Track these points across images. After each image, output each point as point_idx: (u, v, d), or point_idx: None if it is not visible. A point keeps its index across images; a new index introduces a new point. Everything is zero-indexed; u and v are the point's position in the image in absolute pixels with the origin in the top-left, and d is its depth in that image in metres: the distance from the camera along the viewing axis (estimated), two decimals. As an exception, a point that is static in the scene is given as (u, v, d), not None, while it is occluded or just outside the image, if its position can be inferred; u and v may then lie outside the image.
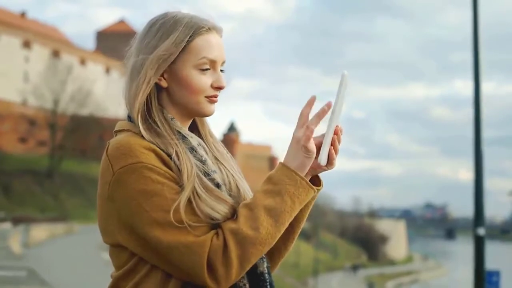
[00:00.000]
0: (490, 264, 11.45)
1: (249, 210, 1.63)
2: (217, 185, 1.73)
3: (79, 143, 71.28)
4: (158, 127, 1.74)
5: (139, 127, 1.72)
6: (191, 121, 1.85)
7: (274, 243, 1.66)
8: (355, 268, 75.92)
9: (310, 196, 1.70)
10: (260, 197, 1.65)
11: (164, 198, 1.61)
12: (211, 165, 1.77)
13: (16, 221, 41.14)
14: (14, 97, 78.06)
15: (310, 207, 1.83)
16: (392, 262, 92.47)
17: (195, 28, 1.77)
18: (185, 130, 1.79)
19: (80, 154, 72.42)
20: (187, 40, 1.75)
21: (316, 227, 74.59)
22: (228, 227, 1.62)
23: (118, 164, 1.64)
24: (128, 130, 1.75)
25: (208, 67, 1.77)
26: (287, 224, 1.67)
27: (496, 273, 11.74)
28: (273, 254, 1.86)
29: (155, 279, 1.66)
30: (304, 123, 1.69)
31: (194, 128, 1.87)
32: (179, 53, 1.76)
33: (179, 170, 1.68)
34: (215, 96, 1.79)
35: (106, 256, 27.15)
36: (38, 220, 45.52)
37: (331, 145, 1.73)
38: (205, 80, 1.77)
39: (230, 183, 1.79)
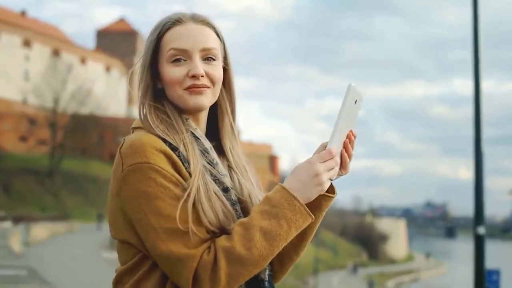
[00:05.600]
0: (490, 263, 11.44)
1: (245, 230, 1.62)
2: (226, 189, 1.74)
3: (80, 142, 71.12)
4: (168, 119, 1.76)
5: (149, 123, 1.74)
6: (200, 119, 1.84)
7: (265, 265, 1.64)
8: (355, 267, 75.86)
9: (307, 223, 1.68)
10: (257, 218, 1.63)
11: (164, 203, 1.61)
12: (221, 168, 1.78)
13: (17, 220, 41.04)
14: (15, 96, 78.04)
15: (324, 214, 1.81)
16: (392, 261, 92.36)
17: (161, 26, 1.78)
18: (199, 132, 1.80)
19: (81, 153, 72.29)
20: (156, 39, 1.77)
21: (316, 226, 74.41)
22: (221, 245, 1.60)
23: (127, 162, 1.65)
24: (141, 128, 1.76)
25: (179, 57, 1.75)
26: (280, 248, 1.65)
27: (496, 272, 11.74)
28: (284, 261, 1.86)
29: (154, 278, 1.68)
30: (331, 161, 1.67)
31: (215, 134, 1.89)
32: (158, 53, 1.78)
33: (187, 162, 1.69)
34: (195, 86, 1.76)
35: (106, 255, 27.17)
36: (39, 219, 45.39)
37: (345, 150, 1.74)
38: (177, 71, 1.75)
39: (241, 189, 1.80)
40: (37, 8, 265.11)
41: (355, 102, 1.71)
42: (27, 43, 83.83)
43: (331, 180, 1.71)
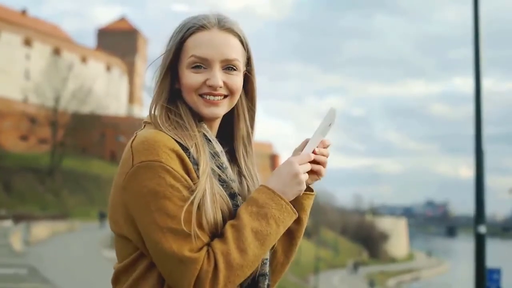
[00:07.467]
0: (491, 262, 11.44)
1: (237, 231, 1.64)
2: (233, 195, 1.75)
3: (80, 140, 71.14)
4: (181, 120, 1.76)
5: (157, 120, 1.74)
6: (213, 123, 1.84)
7: (257, 265, 1.68)
8: (356, 266, 75.86)
9: (292, 220, 1.72)
10: (246, 219, 1.65)
11: (172, 203, 1.61)
12: (231, 173, 1.78)
13: (17, 218, 41.08)
14: (15, 95, 78.05)
15: (308, 214, 1.84)
16: (393, 260, 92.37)
17: (185, 29, 1.77)
18: (211, 134, 1.80)
19: (81, 152, 72.27)
20: (179, 42, 1.77)
21: (317, 225, 74.60)
22: (219, 248, 1.62)
23: (139, 158, 1.64)
24: (151, 124, 1.77)
25: (199, 65, 1.75)
26: (270, 247, 1.69)
27: (497, 271, 11.73)
28: (276, 267, 1.87)
29: (152, 277, 1.68)
30: (307, 165, 1.74)
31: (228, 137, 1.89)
32: (180, 55, 1.77)
33: (197, 164, 1.69)
34: (211, 94, 1.77)
35: (107, 253, 27.17)
36: (39, 217, 45.41)
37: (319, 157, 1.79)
38: (195, 78, 1.76)
39: (247, 196, 1.80)
40: (38, 7, 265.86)
41: (329, 125, 1.78)
42: (27, 42, 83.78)
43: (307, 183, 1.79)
